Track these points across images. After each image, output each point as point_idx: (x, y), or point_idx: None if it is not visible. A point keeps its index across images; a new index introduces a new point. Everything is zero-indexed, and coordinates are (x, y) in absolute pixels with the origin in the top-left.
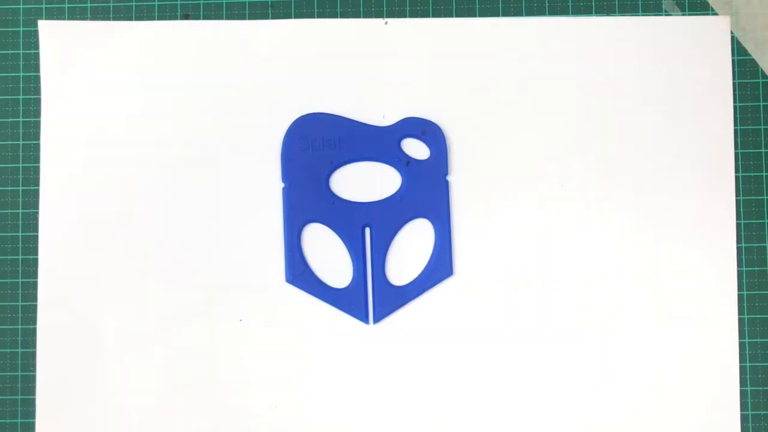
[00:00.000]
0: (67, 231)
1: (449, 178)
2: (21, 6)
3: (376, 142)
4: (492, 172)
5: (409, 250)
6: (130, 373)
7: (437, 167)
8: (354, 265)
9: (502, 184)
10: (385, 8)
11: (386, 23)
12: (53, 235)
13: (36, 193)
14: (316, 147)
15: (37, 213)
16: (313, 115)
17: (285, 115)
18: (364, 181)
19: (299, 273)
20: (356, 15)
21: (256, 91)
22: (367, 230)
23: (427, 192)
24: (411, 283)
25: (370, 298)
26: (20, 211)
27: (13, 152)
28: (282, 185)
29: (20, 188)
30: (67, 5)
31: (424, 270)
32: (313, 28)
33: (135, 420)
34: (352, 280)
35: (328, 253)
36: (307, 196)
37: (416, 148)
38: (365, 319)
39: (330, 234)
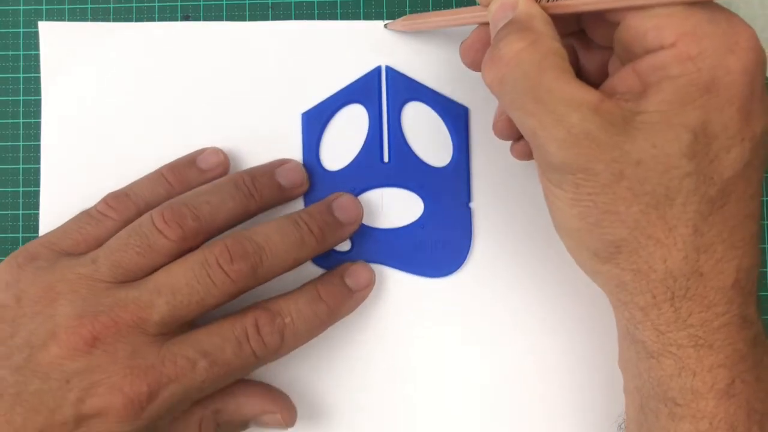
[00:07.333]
0: None
1: None
2: (21, 7)
3: None
4: (489, 171)
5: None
6: None
7: None
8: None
9: (501, 184)
10: (385, 9)
11: (385, 26)
12: None
13: (36, 195)
14: None
15: (38, 214)
16: None
17: (285, 115)
18: None
19: None
20: (356, 16)
21: (256, 92)
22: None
23: None
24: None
25: None
26: (20, 212)
27: (14, 153)
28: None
29: (20, 189)
30: (67, 6)
31: None
32: (314, 29)
33: None
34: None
35: None
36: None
37: None
38: None
39: None
